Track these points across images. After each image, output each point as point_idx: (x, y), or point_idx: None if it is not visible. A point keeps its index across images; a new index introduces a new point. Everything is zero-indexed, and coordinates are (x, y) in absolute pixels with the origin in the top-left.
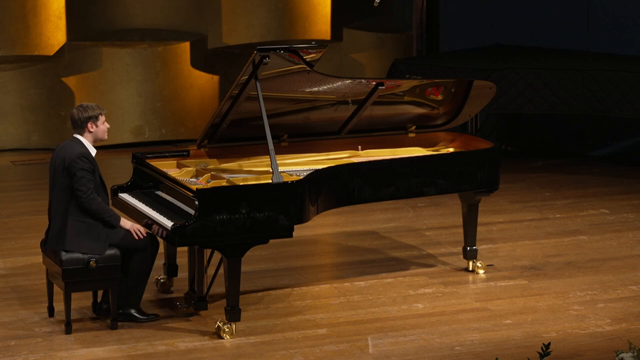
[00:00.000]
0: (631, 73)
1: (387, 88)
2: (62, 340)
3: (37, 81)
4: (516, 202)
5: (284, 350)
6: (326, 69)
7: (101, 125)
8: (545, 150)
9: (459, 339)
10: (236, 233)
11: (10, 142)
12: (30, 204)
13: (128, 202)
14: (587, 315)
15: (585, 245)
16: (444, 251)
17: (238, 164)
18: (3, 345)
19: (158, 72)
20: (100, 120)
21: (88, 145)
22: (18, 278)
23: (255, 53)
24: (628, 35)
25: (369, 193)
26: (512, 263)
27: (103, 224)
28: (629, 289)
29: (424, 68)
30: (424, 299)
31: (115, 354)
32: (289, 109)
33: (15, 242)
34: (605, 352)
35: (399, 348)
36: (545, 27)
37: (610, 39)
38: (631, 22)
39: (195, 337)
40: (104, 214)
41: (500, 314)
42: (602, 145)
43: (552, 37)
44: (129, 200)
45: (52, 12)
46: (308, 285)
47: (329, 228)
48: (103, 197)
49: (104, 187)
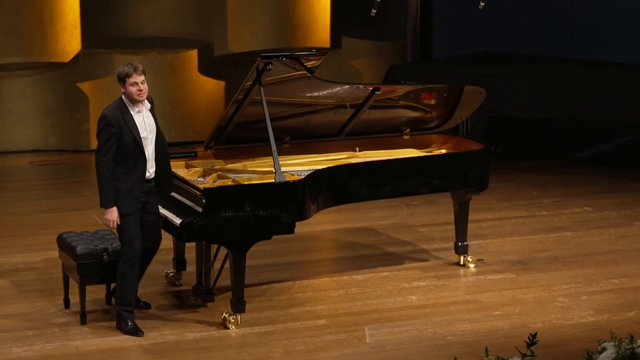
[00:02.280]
0: (614, 79)
1: (383, 93)
2: (77, 330)
3: (54, 86)
4: (505, 201)
5: (286, 340)
6: (326, 75)
7: (129, 87)
8: (533, 152)
9: (451, 329)
10: (241, 229)
11: (28, 144)
12: (47, 203)
13: None
14: (571, 306)
15: (569, 241)
16: (436, 246)
17: (243, 165)
18: (22, 335)
19: (167, 78)
20: (128, 82)
21: (128, 104)
22: (35, 272)
23: (259, 60)
24: (611, 43)
25: (366, 192)
26: (500, 258)
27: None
28: (610, 282)
29: (418, 74)
30: (417, 292)
31: (128, 343)
32: (290, 113)
33: (33, 238)
34: (589, 342)
35: (395, 338)
36: (533, 36)
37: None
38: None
39: (202, 327)
40: (99, 186)
41: (489, 306)
42: (587, 147)
43: (539, 45)
44: None
45: (67, 22)
46: (309, 279)
47: (329, 225)
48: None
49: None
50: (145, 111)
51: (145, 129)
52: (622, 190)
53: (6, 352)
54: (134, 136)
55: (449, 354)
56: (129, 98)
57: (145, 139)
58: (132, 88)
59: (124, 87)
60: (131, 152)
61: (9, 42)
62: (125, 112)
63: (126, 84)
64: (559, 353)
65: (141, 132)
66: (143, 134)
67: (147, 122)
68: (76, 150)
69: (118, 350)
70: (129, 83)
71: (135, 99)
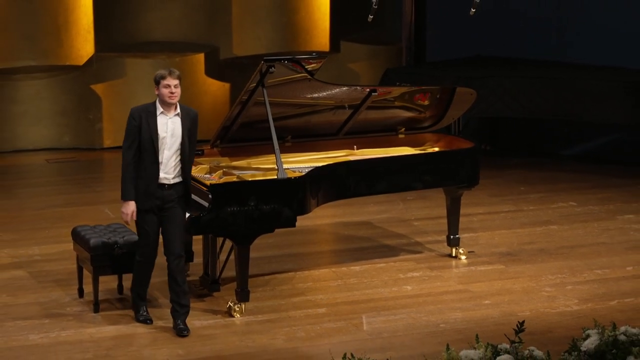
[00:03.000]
0: (598, 81)
1: (380, 94)
2: (90, 318)
3: (68, 88)
4: (494, 196)
5: (287, 328)
6: (325, 77)
7: (162, 88)
8: (521, 150)
9: (444, 317)
10: (245, 223)
11: (44, 143)
12: (62, 197)
13: None
14: (557, 296)
15: (555, 234)
16: (430, 239)
17: (247, 162)
18: (39, 322)
19: None
20: (161, 84)
21: (158, 105)
22: (51, 263)
23: (262, 63)
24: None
25: (364, 188)
26: (490, 250)
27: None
28: (594, 272)
29: (412, 76)
30: (412, 282)
31: (138, 330)
32: (292, 113)
33: (49, 231)
34: (574, 329)
35: (390, 325)
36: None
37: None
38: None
39: (209, 315)
40: (123, 182)
41: (480, 295)
42: (572, 146)
43: (527, 49)
44: None
45: (81, 27)
46: (309, 270)
47: (328, 219)
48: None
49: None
50: (172, 116)
51: (166, 132)
52: (604, 186)
53: (24, 338)
54: (151, 135)
55: (442, 341)
56: (160, 100)
57: (163, 141)
58: (164, 90)
59: (158, 88)
60: (148, 151)
61: (25, 46)
62: (151, 111)
63: (160, 85)
64: (546, 340)
65: (160, 132)
66: (161, 135)
67: (171, 126)
68: (90, 149)
69: (129, 336)
70: (163, 85)
71: (166, 101)
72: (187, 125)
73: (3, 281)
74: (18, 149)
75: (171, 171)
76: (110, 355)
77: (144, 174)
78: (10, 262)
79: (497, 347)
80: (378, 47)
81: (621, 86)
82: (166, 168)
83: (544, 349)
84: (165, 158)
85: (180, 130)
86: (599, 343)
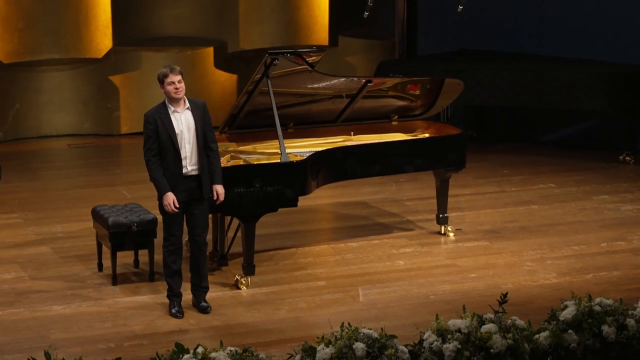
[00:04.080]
0: (575, 73)
1: (375, 85)
2: (109, 290)
3: (88, 79)
4: (480, 178)
5: (290, 299)
6: (325, 69)
7: (167, 86)
8: (504, 136)
9: (433, 290)
10: (251, 203)
11: (66, 129)
12: (83, 179)
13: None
14: (537, 270)
15: (536, 213)
16: (420, 218)
17: (253, 147)
18: (61, 294)
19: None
20: (165, 82)
21: (168, 104)
22: (73, 240)
23: (267, 56)
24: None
25: (360, 170)
26: (476, 227)
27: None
28: (572, 248)
29: (404, 68)
30: (404, 257)
31: (152, 301)
32: (294, 102)
33: (71, 211)
34: (552, 300)
35: (384, 297)
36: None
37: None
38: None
39: (217, 288)
40: (153, 180)
41: (466, 269)
42: (551, 132)
43: (510, 43)
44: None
45: (100, 23)
46: (310, 246)
47: (327, 199)
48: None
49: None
50: (183, 111)
51: (181, 127)
52: (581, 169)
53: (48, 309)
54: (169, 133)
55: (432, 311)
56: (167, 97)
57: (181, 137)
58: (169, 87)
59: (163, 87)
60: (168, 149)
61: (49, 40)
62: (163, 111)
63: (164, 83)
64: (527, 310)
65: (176, 128)
66: (177, 131)
67: (185, 121)
68: (108, 135)
69: (145, 307)
70: (167, 82)
71: (173, 97)
72: (199, 115)
73: (29, 256)
74: (42, 134)
75: (196, 162)
76: (127, 324)
77: (168, 172)
78: (35, 239)
79: (483, 317)
80: (373, 42)
81: (595, 77)
82: (192, 161)
83: (526, 319)
84: (188, 152)
85: (193, 122)
86: (575, 313)
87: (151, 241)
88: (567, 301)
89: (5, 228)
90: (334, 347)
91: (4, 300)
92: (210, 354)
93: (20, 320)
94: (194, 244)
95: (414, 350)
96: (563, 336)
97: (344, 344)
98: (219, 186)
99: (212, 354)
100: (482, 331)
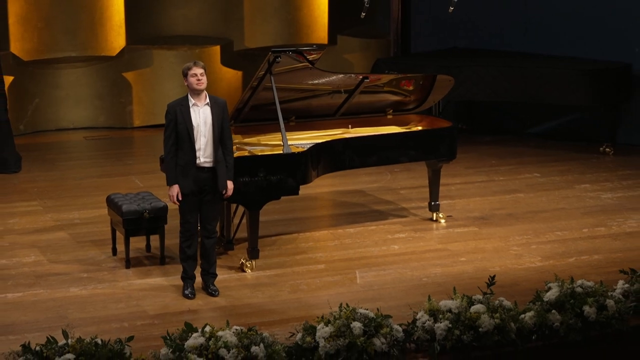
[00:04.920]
0: (558, 69)
1: (371, 81)
2: (122, 273)
3: (103, 76)
4: (470, 168)
5: (292, 281)
6: (324, 66)
7: (190, 78)
8: (492, 129)
9: (426, 272)
10: (255, 191)
11: (83, 122)
12: (98, 169)
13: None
14: (523, 254)
15: (522, 201)
16: (414, 205)
17: (257, 139)
18: (78, 277)
19: None
20: (189, 74)
21: (189, 97)
22: (89, 226)
23: (270, 54)
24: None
25: (357, 161)
26: (466, 214)
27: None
28: (555, 234)
29: (399, 65)
30: (398, 242)
31: (163, 283)
32: (295, 97)
33: (87, 199)
34: (537, 282)
35: (380, 279)
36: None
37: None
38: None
39: (224, 270)
40: (164, 170)
41: (456, 253)
42: (536, 125)
43: (498, 42)
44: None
45: (114, 23)
46: (310, 232)
47: (326, 188)
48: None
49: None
50: (202, 105)
51: (198, 120)
52: (564, 160)
53: (65, 290)
54: (186, 125)
55: (424, 292)
56: (190, 89)
57: (197, 130)
58: (192, 79)
59: (186, 79)
60: (185, 139)
61: (67, 39)
62: (183, 104)
63: (187, 76)
64: (513, 292)
65: (193, 121)
66: (195, 124)
67: (202, 115)
68: (122, 127)
69: (156, 289)
70: (190, 75)
71: (195, 88)
72: (217, 112)
73: (48, 241)
74: (60, 127)
75: (210, 155)
76: (139, 304)
77: (182, 161)
78: (54, 225)
79: (472, 297)
80: (369, 40)
81: (578, 73)
82: (205, 153)
83: (512, 300)
84: (202, 144)
85: (211, 118)
86: (559, 294)
87: (162, 227)
88: (550, 283)
89: (26, 215)
90: (333, 326)
91: (24, 282)
92: (218, 332)
93: (40, 301)
94: (204, 232)
95: (407, 329)
96: (547, 316)
97: (342, 323)
98: (229, 182)
99: (219, 332)
100: (471, 311)
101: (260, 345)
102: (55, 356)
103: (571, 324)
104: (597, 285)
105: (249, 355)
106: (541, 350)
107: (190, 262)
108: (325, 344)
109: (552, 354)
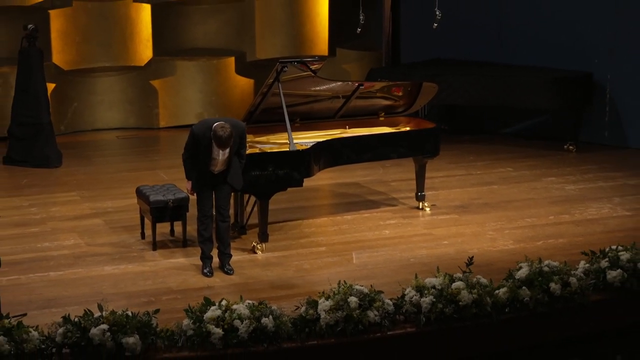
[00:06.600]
0: (529, 77)
1: (365, 87)
2: (149, 254)
3: (133, 83)
4: (451, 163)
5: (297, 262)
6: (325, 74)
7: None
8: (471, 129)
9: (413, 254)
10: (265, 183)
11: (115, 123)
12: (129, 165)
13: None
14: (497, 238)
15: (496, 192)
16: (403, 196)
17: (266, 138)
18: (111, 257)
19: (213, 77)
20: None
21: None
22: (121, 214)
23: (278, 64)
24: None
25: (354, 157)
26: (448, 203)
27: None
28: (525, 220)
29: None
30: (389, 227)
31: (185, 263)
32: (300, 102)
33: (119, 190)
34: (510, 263)
35: (373, 260)
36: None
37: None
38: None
39: (238, 252)
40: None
41: (440, 237)
42: (509, 126)
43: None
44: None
45: (143, 37)
46: (313, 218)
47: (327, 180)
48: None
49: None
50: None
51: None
52: (533, 156)
53: (100, 269)
54: (205, 151)
55: (412, 271)
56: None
57: (215, 159)
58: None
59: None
60: (204, 160)
61: (102, 51)
62: (208, 135)
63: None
64: (489, 271)
65: (213, 155)
66: (214, 155)
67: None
68: (149, 128)
69: (179, 268)
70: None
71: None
72: (235, 140)
73: (85, 227)
74: (96, 128)
75: (224, 165)
76: (165, 282)
77: (199, 168)
78: (90, 213)
79: (453, 276)
80: (364, 52)
81: (545, 81)
82: (218, 165)
83: (488, 277)
84: (219, 163)
85: (229, 150)
86: (528, 273)
87: (184, 214)
88: (521, 263)
89: (66, 204)
90: (333, 300)
91: (65, 262)
92: (232, 306)
93: (78, 278)
94: (218, 216)
95: (397, 303)
96: (518, 292)
97: (340, 297)
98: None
99: (233, 306)
100: (452, 288)
101: (270, 317)
102: (92, 326)
103: (539, 298)
104: (562, 265)
105: (260, 325)
106: (513, 322)
107: (208, 243)
108: (326, 316)
109: (522, 324)
